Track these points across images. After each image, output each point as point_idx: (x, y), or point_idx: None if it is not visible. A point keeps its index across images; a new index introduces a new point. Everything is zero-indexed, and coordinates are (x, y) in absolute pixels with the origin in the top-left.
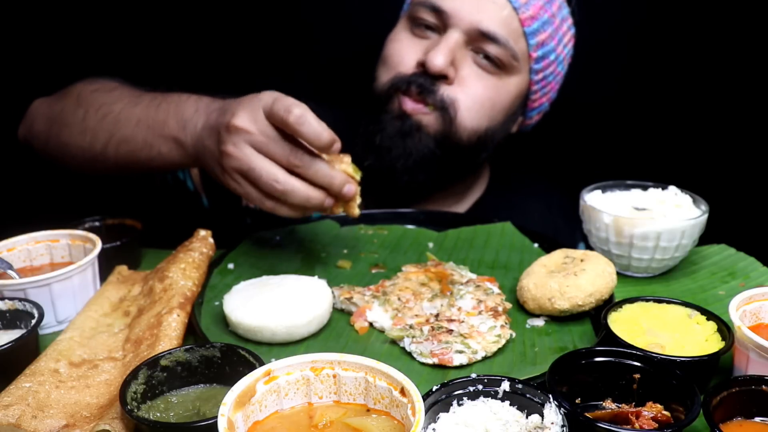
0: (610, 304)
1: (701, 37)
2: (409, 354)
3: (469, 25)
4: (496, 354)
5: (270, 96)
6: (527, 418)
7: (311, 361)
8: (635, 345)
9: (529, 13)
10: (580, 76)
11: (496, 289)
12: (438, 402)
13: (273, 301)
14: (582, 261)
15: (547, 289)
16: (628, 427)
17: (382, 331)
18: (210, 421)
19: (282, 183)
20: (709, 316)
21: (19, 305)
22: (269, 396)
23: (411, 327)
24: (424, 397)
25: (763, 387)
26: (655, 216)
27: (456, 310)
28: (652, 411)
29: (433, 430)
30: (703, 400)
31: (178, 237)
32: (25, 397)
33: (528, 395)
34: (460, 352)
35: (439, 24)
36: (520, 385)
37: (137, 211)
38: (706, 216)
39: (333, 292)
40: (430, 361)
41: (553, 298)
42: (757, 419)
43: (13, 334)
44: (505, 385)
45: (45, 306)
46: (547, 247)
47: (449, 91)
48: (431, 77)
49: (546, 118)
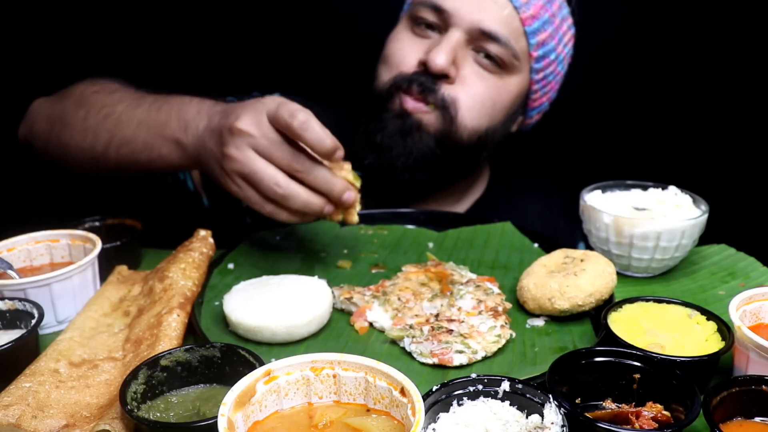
0: (610, 304)
1: (701, 36)
2: (409, 354)
3: (470, 25)
4: (496, 354)
5: (274, 101)
6: (527, 418)
7: (311, 361)
8: (635, 345)
9: (529, 12)
10: (580, 76)
11: (496, 289)
12: (438, 402)
13: (273, 301)
14: (582, 261)
15: (547, 289)
16: (628, 427)
17: (382, 331)
18: (210, 421)
19: (283, 187)
20: (709, 316)
21: (19, 305)
22: (269, 396)
23: (411, 327)
24: (424, 397)
25: (763, 387)
26: (655, 216)
27: (456, 310)
28: (652, 411)
29: (433, 430)
30: (703, 400)
31: (178, 237)
32: (25, 397)
33: (528, 395)
34: (460, 352)
35: (440, 23)
36: (520, 385)
37: (137, 211)
38: (706, 216)
39: (333, 292)
40: (430, 361)
41: (553, 298)
42: (757, 419)
43: (13, 334)
44: (505, 385)
45: (45, 306)
46: (547, 247)
47: (450, 90)
48: (432, 76)
49: (546, 118)
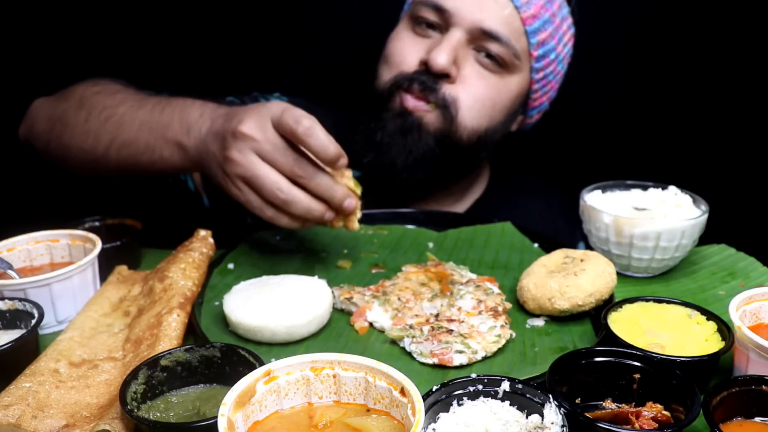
0: (610, 304)
1: (701, 36)
2: (409, 354)
3: (471, 24)
4: (496, 354)
5: (279, 106)
6: (527, 418)
7: (311, 361)
8: (635, 345)
9: (530, 11)
10: (580, 76)
11: (496, 289)
12: (438, 402)
13: (273, 301)
14: (582, 261)
15: (547, 289)
16: (628, 427)
17: (382, 331)
18: (210, 421)
19: (285, 192)
20: (709, 316)
21: (19, 305)
22: (269, 396)
23: (411, 327)
24: (424, 397)
25: (763, 387)
26: (655, 216)
27: (456, 310)
28: (652, 411)
29: (433, 430)
30: (703, 400)
31: (178, 237)
32: (25, 397)
33: (528, 395)
34: (460, 352)
35: (441, 23)
36: (520, 385)
37: (137, 211)
38: (706, 216)
39: (333, 292)
40: (430, 361)
41: (553, 298)
42: (757, 419)
43: (13, 334)
44: (505, 385)
45: (45, 306)
46: (547, 247)
47: (451, 89)
48: (434, 76)
49: (546, 117)
